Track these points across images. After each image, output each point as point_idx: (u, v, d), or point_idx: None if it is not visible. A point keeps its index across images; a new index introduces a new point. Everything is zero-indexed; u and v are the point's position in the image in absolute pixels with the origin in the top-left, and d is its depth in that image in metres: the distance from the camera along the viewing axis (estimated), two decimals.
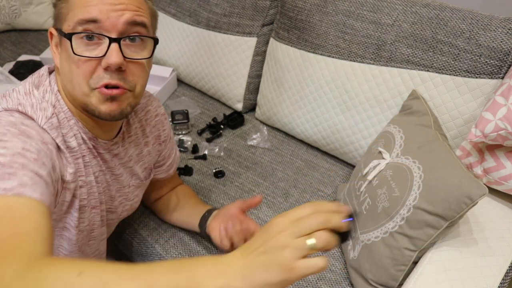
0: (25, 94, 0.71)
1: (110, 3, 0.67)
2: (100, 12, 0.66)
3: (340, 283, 1.01)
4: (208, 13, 1.55)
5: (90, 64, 0.69)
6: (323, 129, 1.35)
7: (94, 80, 0.69)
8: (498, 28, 1.03)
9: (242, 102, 1.57)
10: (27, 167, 0.61)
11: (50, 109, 0.71)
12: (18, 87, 0.73)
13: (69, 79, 0.71)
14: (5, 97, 0.71)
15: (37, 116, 0.68)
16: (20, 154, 0.61)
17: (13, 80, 1.63)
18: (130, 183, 0.91)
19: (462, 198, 0.80)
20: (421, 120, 1.04)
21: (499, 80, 1.04)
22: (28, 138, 0.64)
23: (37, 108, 0.69)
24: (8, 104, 0.69)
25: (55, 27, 0.73)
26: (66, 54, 0.70)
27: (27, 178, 0.60)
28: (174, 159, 1.06)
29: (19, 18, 2.05)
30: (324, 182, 1.30)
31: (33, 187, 0.59)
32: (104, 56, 0.68)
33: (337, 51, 1.26)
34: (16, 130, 0.64)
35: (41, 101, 0.71)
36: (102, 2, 0.67)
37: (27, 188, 0.58)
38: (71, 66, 0.69)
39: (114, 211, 0.91)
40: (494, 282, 0.81)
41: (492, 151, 1.02)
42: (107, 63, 0.68)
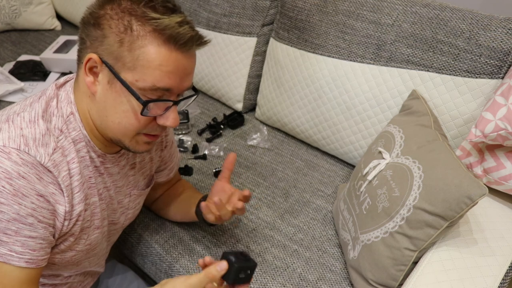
0: (29, 122, 0.69)
1: (184, 71, 0.70)
2: (175, 82, 0.69)
3: (340, 283, 1.01)
4: (208, 13, 1.55)
5: (149, 119, 0.72)
6: (323, 129, 1.35)
7: (147, 129, 0.73)
8: (498, 28, 1.03)
9: (242, 102, 1.57)
10: (20, 233, 0.66)
11: (52, 144, 0.69)
12: (24, 114, 0.69)
13: (114, 120, 0.71)
14: (8, 122, 0.68)
15: (39, 155, 0.67)
16: (15, 219, 0.65)
17: (13, 80, 1.63)
18: (131, 193, 0.91)
19: (462, 198, 0.80)
20: (421, 120, 1.04)
21: (499, 80, 1.04)
22: (23, 198, 0.65)
23: (39, 143, 0.67)
24: (10, 135, 0.66)
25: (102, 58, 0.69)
26: (119, 100, 0.69)
27: (18, 245, 0.66)
28: (175, 162, 1.06)
29: (19, 18, 2.05)
30: (324, 182, 1.30)
31: (23, 254, 0.66)
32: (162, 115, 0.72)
33: (337, 51, 1.26)
34: (11, 188, 0.64)
35: (45, 133, 0.69)
36: (179, 73, 0.69)
37: (15, 257, 0.66)
38: (126, 114, 0.70)
39: (117, 222, 0.91)
40: (494, 282, 0.81)
41: (492, 151, 1.02)
42: (165, 125, 0.73)
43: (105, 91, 0.70)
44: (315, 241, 1.11)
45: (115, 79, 0.68)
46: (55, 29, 2.17)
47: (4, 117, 0.70)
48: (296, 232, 1.13)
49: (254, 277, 1.01)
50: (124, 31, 0.66)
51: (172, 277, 1.04)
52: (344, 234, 1.05)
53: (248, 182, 1.29)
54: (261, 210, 1.19)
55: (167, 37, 0.66)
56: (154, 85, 0.68)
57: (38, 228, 0.67)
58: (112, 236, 0.94)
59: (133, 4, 0.67)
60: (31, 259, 0.68)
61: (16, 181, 0.64)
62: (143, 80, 0.67)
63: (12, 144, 0.65)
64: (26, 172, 0.65)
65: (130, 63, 0.67)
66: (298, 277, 1.02)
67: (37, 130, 0.68)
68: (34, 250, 0.68)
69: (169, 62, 0.67)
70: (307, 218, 1.17)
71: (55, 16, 2.18)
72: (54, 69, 1.76)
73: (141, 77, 0.67)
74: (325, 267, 1.05)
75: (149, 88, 0.68)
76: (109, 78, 0.69)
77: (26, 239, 0.66)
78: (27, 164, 0.65)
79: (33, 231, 0.67)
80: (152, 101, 0.69)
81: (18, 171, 0.64)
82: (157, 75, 0.67)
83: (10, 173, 0.63)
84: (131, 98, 0.69)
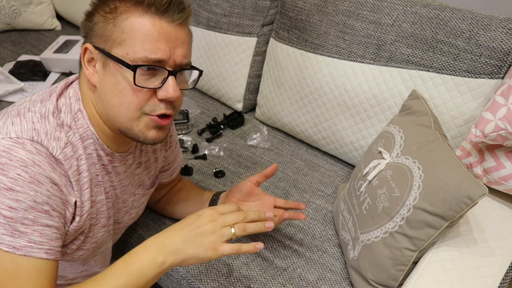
0: (40, 117, 0.69)
1: (173, 40, 0.70)
2: (165, 52, 0.69)
3: (340, 283, 1.01)
4: (208, 13, 1.55)
5: (146, 92, 0.71)
6: (323, 129, 1.35)
7: (149, 107, 0.72)
8: (498, 28, 1.03)
9: (242, 102, 1.57)
10: (37, 222, 0.65)
11: (63, 139, 0.70)
12: (35, 109, 0.70)
13: (114, 103, 0.71)
14: (20, 116, 0.69)
15: (52, 147, 0.67)
16: (32, 207, 0.64)
17: (13, 80, 1.63)
18: (136, 192, 0.91)
19: (462, 198, 0.80)
20: (421, 120, 1.04)
21: (499, 80, 1.04)
22: (39, 185, 0.65)
23: (51, 137, 0.68)
24: (23, 128, 0.67)
25: (95, 45, 0.71)
26: (115, 79, 0.70)
27: (36, 235, 0.65)
28: (178, 163, 1.06)
29: (19, 18, 2.05)
30: (324, 182, 1.30)
31: (42, 244, 0.65)
32: (160, 87, 0.71)
33: (337, 51, 1.26)
34: (27, 176, 0.63)
35: (55, 129, 0.69)
36: (167, 40, 0.69)
37: (35, 248, 0.64)
38: (123, 92, 0.70)
39: (121, 221, 0.91)
40: (494, 282, 0.81)
41: (492, 151, 1.02)
42: (166, 96, 0.71)
43: (102, 77, 0.72)
44: (315, 241, 1.11)
45: (108, 59, 0.70)
46: (55, 29, 2.17)
47: (14, 111, 0.70)
48: (296, 232, 1.13)
49: (254, 277, 1.01)
50: (108, 10, 0.70)
51: (172, 277, 1.05)
52: (344, 234, 1.05)
53: None
54: None
55: (146, 4, 0.68)
56: (145, 57, 0.68)
57: (54, 216, 0.67)
58: (116, 235, 0.94)
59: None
60: (50, 250, 0.66)
61: (31, 168, 0.64)
62: (133, 52, 0.68)
63: (25, 135, 0.66)
64: (41, 160, 0.65)
65: (118, 39, 0.69)
66: (298, 277, 1.02)
67: (47, 125, 0.69)
68: (51, 240, 0.67)
69: (155, 31, 0.68)
70: (307, 218, 1.17)
71: (55, 16, 2.18)
72: (54, 69, 1.76)
73: (131, 50, 0.68)
74: (325, 267, 1.05)
75: (140, 59, 0.68)
76: (103, 62, 0.71)
77: (43, 228, 0.65)
78: (41, 154, 0.66)
79: (49, 219, 0.66)
80: (142, 65, 0.68)
81: (33, 159, 0.64)
82: (146, 46, 0.68)
83: (25, 161, 0.64)
84: (126, 74, 0.69)
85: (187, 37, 0.73)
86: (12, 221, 0.63)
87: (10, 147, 0.64)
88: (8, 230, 0.63)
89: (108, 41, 0.70)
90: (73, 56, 1.70)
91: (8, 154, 0.63)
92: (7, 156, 0.63)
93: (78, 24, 2.15)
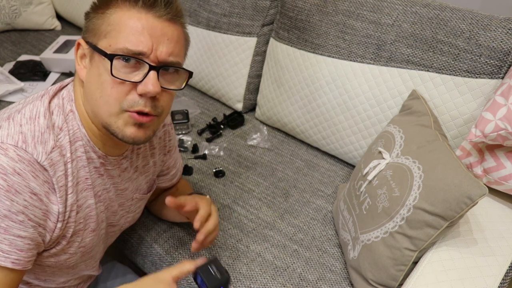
0: (29, 119, 0.68)
1: (158, 35, 0.69)
2: (147, 46, 0.68)
3: (340, 283, 1.01)
4: (208, 13, 1.55)
5: (126, 86, 0.69)
6: (323, 129, 1.35)
7: (128, 102, 0.69)
8: (498, 28, 1.03)
9: (242, 102, 1.57)
10: (9, 231, 0.64)
11: (51, 142, 0.68)
12: (24, 110, 0.69)
13: (96, 96, 0.70)
14: (9, 120, 0.68)
15: (37, 152, 0.66)
16: (5, 216, 0.64)
17: (13, 80, 1.63)
18: (134, 196, 0.90)
19: (462, 198, 0.80)
20: (421, 120, 1.04)
21: (499, 80, 1.04)
22: (16, 194, 0.64)
23: (38, 140, 0.67)
24: (9, 132, 0.66)
25: (86, 40, 0.72)
26: (98, 72, 0.69)
27: (5, 244, 0.64)
28: (178, 169, 1.05)
29: (19, 18, 2.05)
30: (324, 182, 1.30)
31: (9, 253, 0.65)
32: (141, 82, 0.69)
33: (337, 51, 1.26)
34: (5, 184, 0.63)
35: (44, 131, 0.68)
36: (151, 34, 0.68)
37: (1, 256, 0.64)
38: (104, 85, 0.69)
39: (116, 224, 0.90)
40: (494, 282, 0.81)
41: (492, 151, 1.02)
42: (144, 91, 0.68)
43: (89, 71, 0.72)
44: (315, 241, 1.11)
45: (94, 53, 0.70)
46: (55, 29, 2.17)
47: (5, 115, 0.70)
48: (296, 232, 1.13)
49: (254, 277, 1.01)
50: (101, 7, 0.71)
51: None
52: (344, 234, 1.05)
53: (248, 182, 1.29)
54: (261, 210, 1.19)
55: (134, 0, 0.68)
56: (126, 48, 0.67)
57: (28, 227, 0.66)
58: (110, 238, 0.93)
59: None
60: (17, 260, 0.66)
61: (10, 177, 0.63)
62: (115, 44, 0.68)
63: (10, 140, 0.65)
64: (22, 169, 0.64)
65: (104, 31, 0.69)
66: (298, 277, 1.02)
67: (36, 127, 0.68)
68: (21, 251, 0.66)
69: (139, 24, 0.67)
70: (307, 218, 1.17)
71: (55, 16, 2.18)
72: (54, 69, 1.76)
73: (114, 41, 0.68)
74: (325, 267, 1.05)
75: (120, 50, 0.67)
76: (90, 56, 0.72)
77: (14, 238, 0.65)
78: (23, 161, 0.64)
79: (22, 230, 0.65)
80: (119, 55, 0.67)
81: (14, 167, 0.64)
82: (129, 38, 0.67)
83: (5, 169, 0.63)
84: (108, 65, 0.67)
85: (176, 35, 0.71)
86: None
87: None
88: None
89: (96, 34, 0.70)
90: (73, 56, 1.70)
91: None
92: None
93: (78, 24, 2.15)
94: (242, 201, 1.22)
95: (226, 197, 1.23)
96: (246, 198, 1.23)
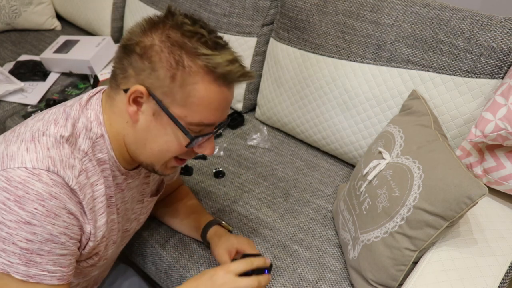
0: (55, 142, 0.67)
1: (228, 103, 0.72)
2: (219, 117, 0.72)
3: (340, 283, 1.01)
4: (208, 13, 1.55)
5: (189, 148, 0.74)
6: (323, 129, 1.35)
7: (182, 155, 0.75)
8: (498, 28, 1.03)
9: (242, 102, 1.57)
10: (52, 253, 0.66)
11: (78, 167, 0.68)
12: (49, 132, 0.68)
13: (153, 148, 0.72)
14: (34, 142, 0.66)
15: (68, 177, 0.66)
16: (48, 240, 0.65)
17: (13, 80, 1.63)
18: (145, 200, 0.92)
19: (462, 198, 0.80)
20: (421, 120, 1.04)
21: (499, 80, 1.04)
22: (56, 218, 0.65)
23: (66, 165, 0.67)
24: (38, 156, 0.65)
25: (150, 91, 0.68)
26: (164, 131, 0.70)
27: (50, 264, 0.66)
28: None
29: (19, 18, 2.05)
30: (324, 182, 1.30)
31: (54, 272, 0.67)
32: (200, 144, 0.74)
33: (337, 51, 1.26)
34: (44, 210, 0.63)
35: (69, 156, 0.68)
36: (225, 106, 0.71)
37: (47, 276, 0.66)
38: (168, 144, 0.71)
39: (129, 229, 0.91)
40: (494, 282, 0.81)
41: (492, 151, 1.02)
42: (204, 153, 0.75)
43: (148, 122, 0.70)
44: (315, 241, 1.11)
45: (162, 112, 0.69)
46: (55, 29, 2.17)
47: (28, 134, 0.68)
48: (296, 232, 1.13)
49: None
50: (176, 66, 0.66)
51: (172, 277, 1.05)
52: (344, 234, 1.05)
53: (248, 182, 1.29)
54: (261, 210, 1.19)
55: (218, 76, 0.67)
56: (201, 122, 0.70)
57: (69, 245, 0.68)
58: (123, 242, 0.94)
59: (183, 38, 0.67)
60: (62, 276, 0.68)
61: (48, 202, 0.63)
62: (192, 117, 0.69)
63: (41, 165, 0.64)
64: (57, 192, 0.65)
65: (180, 100, 0.68)
66: (298, 277, 1.02)
67: (62, 152, 0.67)
68: (64, 267, 0.68)
69: (218, 100, 0.69)
70: (307, 218, 1.18)
71: (55, 16, 2.18)
72: (54, 69, 1.76)
73: (190, 114, 0.69)
74: (325, 267, 1.05)
75: (196, 123, 0.70)
76: (155, 110, 0.69)
77: (58, 258, 0.66)
78: (57, 185, 0.65)
79: (64, 249, 0.67)
80: (200, 136, 0.71)
81: (50, 192, 0.64)
82: (206, 113, 0.69)
83: (42, 194, 0.63)
84: (178, 131, 0.70)
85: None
86: (28, 252, 0.63)
87: (26, 179, 0.63)
88: (23, 260, 0.64)
89: (168, 96, 0.68)
90: (73, 56, 1.70)
91: (24, 187, 0.63)
92: (24, 189, 0.62)
93: (78, 24, 2.15)
94: (242, 201, 1.22)
95: (226, 197, 1.23)
96: (246, 198, 1.23)
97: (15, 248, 0.63)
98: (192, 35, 0.67)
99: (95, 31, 2.05)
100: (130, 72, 0.69)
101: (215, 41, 0.68)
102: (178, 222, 1.09)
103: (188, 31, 0.67)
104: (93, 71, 1.65)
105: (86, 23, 2.07)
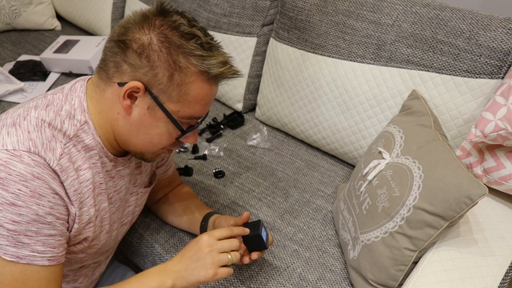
0: (36, 126, 0.68)
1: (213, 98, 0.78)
2: (206, 110, 0.77)
3: (340, 283, 1.01)
4: (208, 13, 1.55)
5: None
6: (323, 129, 1.35)
7: (169, 146, 0.79)
8: (498, 28, 1.03)
9: (242, 102, 1.57)
10: (40, 233, 0.67)
11: (59, 150, 0.69)
12: (30, 117, 0.69)
13: (145, 139, 0.76)
14: (15, 126, 0.68)
15: (49, 158, 0.67)
16: (35, 220, 0.65)
17: (13, 80, 1.63)
18: (139, 191, 0.92)
19: (462, 198, 0.80)
20: (421, 120, 1.04)
21: (499, 80, 1.04)
22: (40, 198, 0.65)
23: (47, 147, 0.67)
24: (19, 138, 0.66)
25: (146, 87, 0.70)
26: (156, 124, 0.74)
27: (39, 245, 0.67)
28: (171, 159, 1.07)
29: (19, 18, 2.05)
30: (324, 182, 1.30)
31: (44, 253, 0.67)
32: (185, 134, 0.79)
33: (337, 51, 1.26)
34: (28, 190, 0.64)
35: (50, 139, 0.68)
36: (211, 99, 0.76)
37: (37, 257, 0.67)
38: (160, 136, 0.76)
39: (126, 221, 0.92)
40: (494, 282, 0.81)
41: (492, 151, 1.02)
42: (189, 143, 0.81)
43: (142, 115, 0.73)
44: (315, 241, 1.11)
45: (156, 107, 0.72)
46: (55, 29, 2.17)
47: (9, 120, 0.69)
48: (296, 232, 1.13)
49: (254, 277, 1.01)
50: (174, 66, 0.70)
51: None
52: (344, 234, 1.05)
53: (248, 182, 1.29)
54: (261, 210, 1.19)
55: (212, 76, 0.72)
56: (192, 115, 0.75)
57: (57, 225, 0.69)
58: (120, 236, 0.94)
59: (181, 39, 0.70)
60: (52, 257, 0.69)
61: (31, 182, 0.64)
62: (184, 111, 0.73)
63: (22, 147, 0.65)
64: (40, 172, 0.65)
65: (175, 97, 0.71)
66: (298, 277, 1.02)
67: (43, 135, 0.68)
68: (54, 248, 0.69)
69: (208, 96, 0.75)
70: (307, 218, 1.17)
71: (55, 16, 2.19)
72: (54, 69, 1.76)
73: (183, 109, 0.73)
74: (325, 267, 1.05)
75: (187, 117, 0.74)
76: (149, 105, 0.72)
77: (46, 238, 0.67)
78: (39, 165, 0.65)
79: (52, 229, 0.68)
80: (191, 129, 0.77)
81: (32, 172, 0.65)
82: (197, 108, 0.74)
83: (24, 175, 0.64)
84: (169, 124, 0.74)
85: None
86: (15, 234, 0.64)
87: (8, 161, 0.64)
88: (12, 242, 0.64)
89: (165, 93, 0.71)
90: (73, 56, 1.70)
91: (6, 168, 0.63)
92: (6, 171, 0.63)
93: (78, 24, 2.15)
94: (242, 201, 1.22)
95: (226, 197, 1.23)
96: (246, 198, 1.23)
97: (2, 230, 0.64)
98: (189, 37, 0.70)
99: (95, 31, 2.05)
100: (125, 68, 0.70)
101: (210, 43, 0.72)
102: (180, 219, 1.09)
103: (186, 33, 0.70)
104: (93, 71, 1.65)
105: (86, 23, 2.07)
